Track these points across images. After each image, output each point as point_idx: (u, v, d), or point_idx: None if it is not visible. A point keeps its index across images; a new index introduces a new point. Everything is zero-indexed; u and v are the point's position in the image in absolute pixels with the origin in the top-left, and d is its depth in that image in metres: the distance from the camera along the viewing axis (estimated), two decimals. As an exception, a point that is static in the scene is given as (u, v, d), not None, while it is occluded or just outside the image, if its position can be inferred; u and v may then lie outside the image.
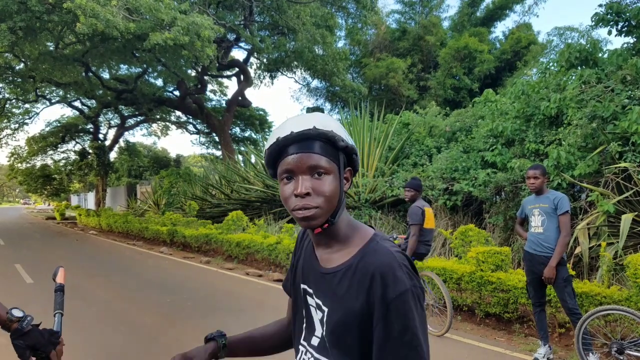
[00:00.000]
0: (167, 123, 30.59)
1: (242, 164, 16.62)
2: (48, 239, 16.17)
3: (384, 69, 19.69)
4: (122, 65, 21.91)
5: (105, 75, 22.72)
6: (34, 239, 15.79)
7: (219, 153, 27.47)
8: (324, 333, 0.93)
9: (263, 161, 13.78)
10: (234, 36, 18.28)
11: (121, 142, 30.53)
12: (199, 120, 26.75)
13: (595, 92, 6.51)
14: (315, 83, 23.44)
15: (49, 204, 51.33)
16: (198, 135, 30.42)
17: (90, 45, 15.96)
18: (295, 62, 18.72)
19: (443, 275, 5.50)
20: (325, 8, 17.98)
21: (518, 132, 7.84)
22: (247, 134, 28.83)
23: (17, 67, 20.14)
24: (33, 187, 31.76)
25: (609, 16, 7.32)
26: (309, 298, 1.00)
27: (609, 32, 7.42)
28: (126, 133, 30.11)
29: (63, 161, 30.93)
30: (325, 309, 0.93)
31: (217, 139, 25.25)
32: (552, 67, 8.38)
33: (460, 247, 6.23)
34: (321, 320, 0.95)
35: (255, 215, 12.56)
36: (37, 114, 27.16)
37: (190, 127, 29.58)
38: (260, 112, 27.50)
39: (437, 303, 5.10)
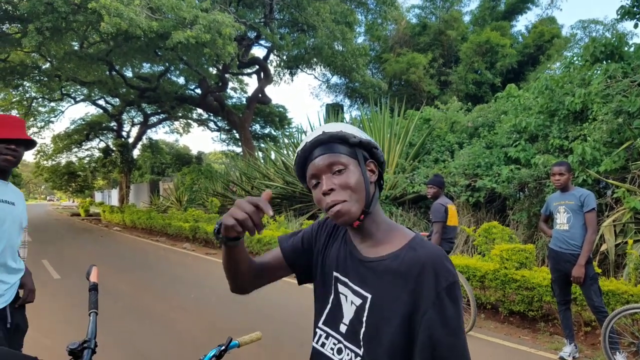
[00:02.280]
0: (189, 120, 30.99)
1: (262, 161, 16.76)
2: (73, 235, 16.62)
3: (405, 65, 19.54)
4: (145, 64, 22.26)
5: (129, 74, 23.12)
6: (59, 235, 16.24)
7: (239, 150, 27.74)
8: (365, 319, 0.96)
9: (283, 158, 13.85)
10: (255, 34, 18.38)
11: (144, 140, 31.06)
12: (219, 118, 27.04)
13: (621, 87, 6.37)
14: (334, 79, 23.47)
15: (73, 201, 52.58)
16: (219, 133, 30.76)
17: (114, 44, 16.27)
18: (315, 59, 18.73)
19: (466, 272, 5.48)
20: (344, 4, 17.93)
21: (542, 127, 7.72)
22: (267, 130, 29.02)
23: (44, 67, 20.68)
24: (58, 184, 32.60)
25: (635, 9, 7.14)
26: (340, 286, 1.04)
27: (635, 26, 7.24)
28: (149, 131, 30.64)
29: (87, 158, 31.69)
30: (369, 296, 0.97)
31: (237, 136, 25.51)
32: (577, 62, 8.21)
33: (483, 244, 6.18)
34: (361, 307, 0.98)
35: (275, 211, 12.67)
36: (62, 112, 27.86)
37: (211, 125, 29.92)
38: (280, 109, 27.64)
39: (460, 300, 5.08)
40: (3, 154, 2.07)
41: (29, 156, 51.55)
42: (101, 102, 27.40)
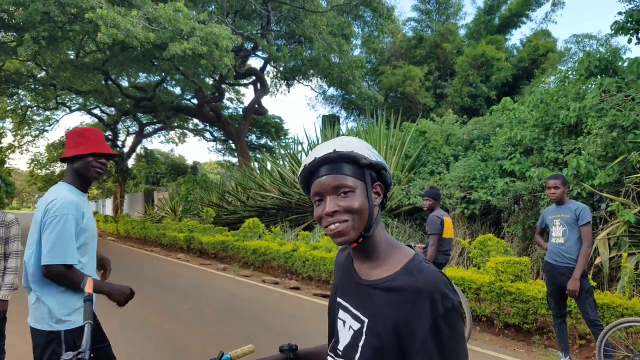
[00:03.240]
0: (185, 130, 31.02)
1: (258, 171, 16.75)
2: None
3: (401, 77, 19.69)
4: (141, 74, 22.34)
5: (125, 83, 23.17)
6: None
7: (235, 160, 27.76)
8: (361, 344, 0.95)
9: (279, 169, 13.84)
10: (251, 45, 18.52)
11: (139, 149, 31.02)
12: (215, 128, 27.07)
13: (615, 101, 6.44)
14: (331, 91, 23.61)
15: (68, 210, 52.10)
16: (215, 143, 30.77)
17: (110, 54, 16.33)
18: (312, 70, 18.87)
19: (462, 285, 5.48)
20: (341, 17, 18.12)
21: (537, 140, 7.78)
22: (263, 141, 29.07)
23: (39, 75, 20.67)
24: (53, 193, 32.33)
25: (629, 24, 7.26)
26: (340, 311, 1.04)
27: (629, 41, 7.36)
28: (144, 140, 30.60)
29: (82, 167, 31.48)
30: (365, 320, 0.95)
31: (233, 146, 25.52)
32: (571, 76, 8.31)
33: (479, 256, 6.19)
34: (358, 332, 0.96)
35: (271, 222, 12.63)
36: (57, 121, 27.81)
37: (207, 135, 29.95)
38: (277, 120, 27.73)
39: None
40: (94, 166, 2.13)
41: (22, 165, 51.14)
42: (97, 111, 27.38)
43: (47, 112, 26.65)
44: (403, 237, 9.02)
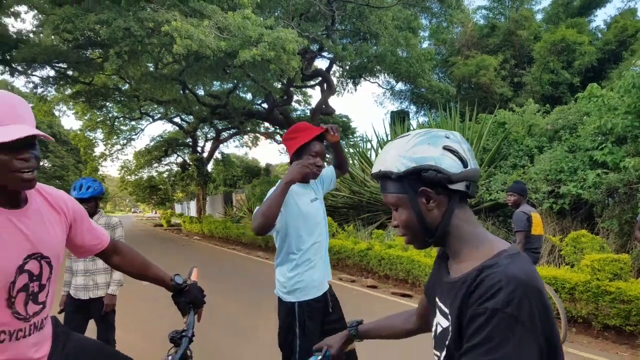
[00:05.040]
0: (257, 134, 32.08)
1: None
2: (158, 244, 17.73)
3: (474, 67, 18.92)
4: (215, 82, 23.42)
5: (201, 92, 24.43)
6: (146, 245, 17.38)
7: (304, 161, 28.15)
8: (447, 344, 0.93)
9: (348, 168, 13.98)
10: (317, 46, 18.72)
11: (217, 154, 32.59)
12: (285, 130, 27.66)
13: None
14: (399, 86, 23.17)
15: (155, 212, 56.06)
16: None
17: (186, 64, 17.29)
18: (378, 67, 18.65)
19: (554, 284, 5.17)
20: (407, 10, 17.74)
21: (630, 128, 7.13)
22: (331, 141, 29.24)
23: (123, 88, 22.44)
24: (141, 197, 35.03)
25: None
26: (437, 310, 1.03)
27: None
28: (221, 145, 32.09)
29: (166, 173, 33.79)
30: (451, 318, 0.94)
31: (303, 147, 25.92)
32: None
33: (572, 254, 5.81)
34: (445, 330, 0.95)
35: (342, 220, 12.71)
36: (142, 130, 29.95)
37: (278, 137, 30.74)
38: (344, 119, 27.79)
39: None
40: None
41: (113, 171, 55.68)
42: (177, 119, 29.13)
43: (133, 122, 28.83)
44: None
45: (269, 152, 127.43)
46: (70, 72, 19.04)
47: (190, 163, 29.50)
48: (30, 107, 1.24)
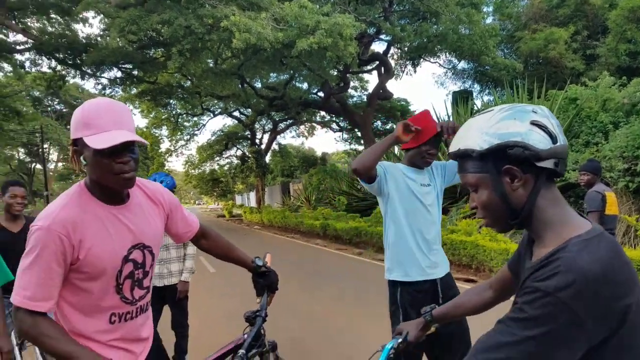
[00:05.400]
0: (313, 124, 32.19)
1: (385, 157, 16.55)
2: (223, 233, 17.62)
3: (542, 41, 17.68)
4: (272, 74, 23.70)
5: (258, 85, 24.85)
6: (210, 234, 18.11)
7: (361, 148, 27.90)
8: None
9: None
10: (374, 30, 18.30)
11: (274, 145, 33.14)
12: (341, 118, 27.53)
13: None
14: (461, 65, 22.32)
15: (218, 204, 58.35)
16: (341, 133, 31.38)
17: (244, 58, 17.58)
18: (439, 46, 17.95)
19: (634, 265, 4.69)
20: (469, -14, 16.86)
21: None
22: (388, 126, 28.72)
23: (185, 85, 23.29)
24: (205, 190, 36.57)
25: None
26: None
27: None
28: (278, 136, 32.59)
29: (227, 165, 34.91)
30: None
31: (359, 134, 25.68)
32: None
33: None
34: None
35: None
36: (204, 125, 31.19)
37: (334, 126, 30.66)
38: (402, 103, 27.14)
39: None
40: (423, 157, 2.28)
41: (178, 166, 58.51)
42: (236, 113, 29.92)
43: (195, 118, 29.98)
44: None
45: (325, 141, 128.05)
46: (135, 72, 20.04)
47: (249, 155, 30.23)
48: (130, 110, 1.34)
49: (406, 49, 19.37)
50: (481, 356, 0.81)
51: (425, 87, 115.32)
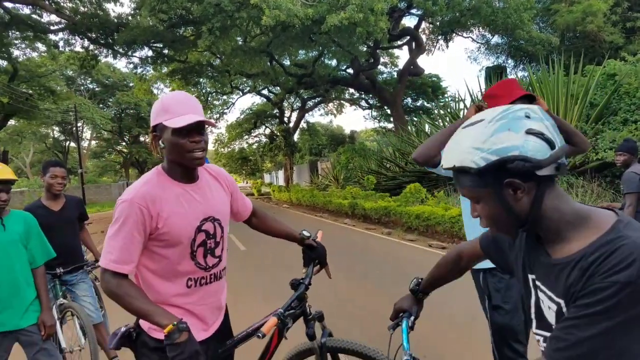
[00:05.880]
0: (342, 101, 31.97)
1: (415, 135, 16.37)
2: None
3: (579, 14, 16.86)
4: (300, 51, 23.58)
5: (287, 63, 24.79)
6: (240, 212, 18.48)
7: (390, 126, 27.64)
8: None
9: (437, 130, 13.36)
10: (405, 4, 17.86)
11: (302, 124, 33.17)
12: (370, 95, 27.23)
13: None
14: (495, 39, 21.60)
15: (247, 182, 59.23)
16: (370, 110, 31.10)
17: (273, 35, 17.55)
18: (472, 20, 17.37)
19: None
20: (503, -44, 16.17)
21: None
22: (419, 103, 28.30)
23: (215, 63, 23.48)
24: (234, 168, 37.11)
25: None
26: (538, 291, 0.96)
27: None
28: (306, 115, 32.57)
29: (256, 144, 35.25)
30: (560, 301, 0.87)
31: (389, 111, 25.41)
32: None
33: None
34: (557, 313, 0.89)
35: (432, 186, 12.30)
36: (233, 104, 31.48)
37: (363, 103, 30.39)
38: (433, 79, 26.60)
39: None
40: None
41: (209, 144, 59.74)
42: (265, 91, 30.04)
43: (224, 97, 30.26)
44: (591, 198, 7.88)
45: (354, 119, 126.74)
46: (166, 51, 20.33)
47: (278, 134, 30.42)
48: (198, 101, 1.54)
49: (438, 23, 18.84)
50: (561, 354, 0.80)
51: (457, 63, 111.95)
